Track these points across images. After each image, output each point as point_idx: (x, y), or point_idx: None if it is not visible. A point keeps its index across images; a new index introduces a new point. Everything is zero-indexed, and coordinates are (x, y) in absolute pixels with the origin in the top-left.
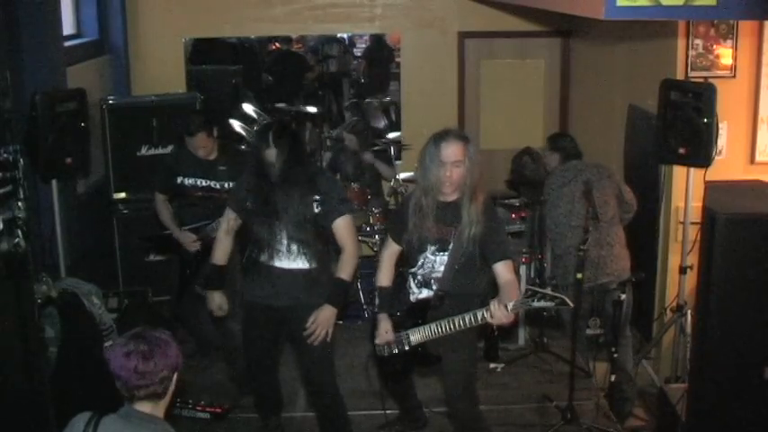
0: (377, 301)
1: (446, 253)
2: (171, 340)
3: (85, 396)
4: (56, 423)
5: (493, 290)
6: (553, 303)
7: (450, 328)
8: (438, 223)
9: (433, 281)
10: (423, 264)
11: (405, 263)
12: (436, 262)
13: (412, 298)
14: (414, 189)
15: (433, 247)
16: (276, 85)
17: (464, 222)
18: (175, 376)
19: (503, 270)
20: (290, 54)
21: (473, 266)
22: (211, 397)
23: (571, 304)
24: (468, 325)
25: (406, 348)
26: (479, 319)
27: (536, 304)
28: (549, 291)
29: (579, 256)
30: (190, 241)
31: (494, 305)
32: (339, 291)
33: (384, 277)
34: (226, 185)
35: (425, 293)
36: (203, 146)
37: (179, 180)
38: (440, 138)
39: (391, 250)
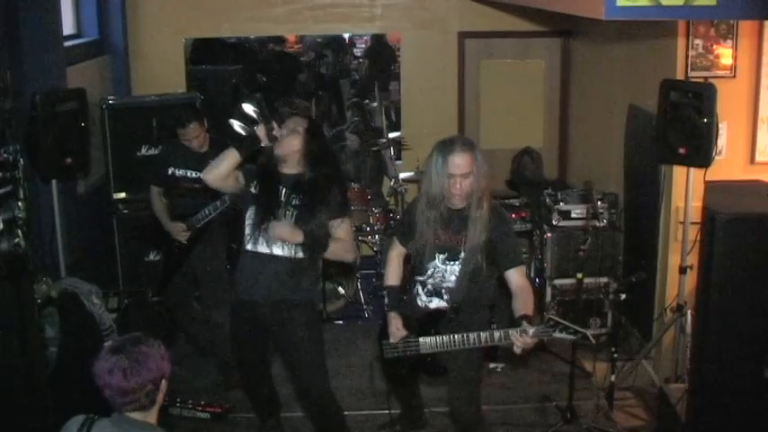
0: (386, 300)
1: (456, 262)
2: (154, 350)
3: (85, 396)
4: (56, 423)
5: (503, 294)
6: (574, 337)
7: (463, 344)
8: (446, 231)
9: (443, 290)
10: (432, 273)
11: (413, 269)
12: (446, 271)
13: (420, 304)
14: (418, 197)
15: (442, 256)
16: (269, 86)
17: (472, 232)
18: (164, 384)
19: (516, 276)
20: (284, 54)
21: (482, 274)
22: (211, 397)
23: (593, 341)
24: (482, 343)
25: (415, 354)
26: (496, 339)
27: (557, 335)
28: (570, 324)
29: (580, 256)
30: (179, 230)
31: (516, 333)
32: (318, 235)
33: (392, 276)
34: None
35: (436, 302)
36: (196, 136)
37: (170, 171)
38: (447, 149)
39: (399, 251)
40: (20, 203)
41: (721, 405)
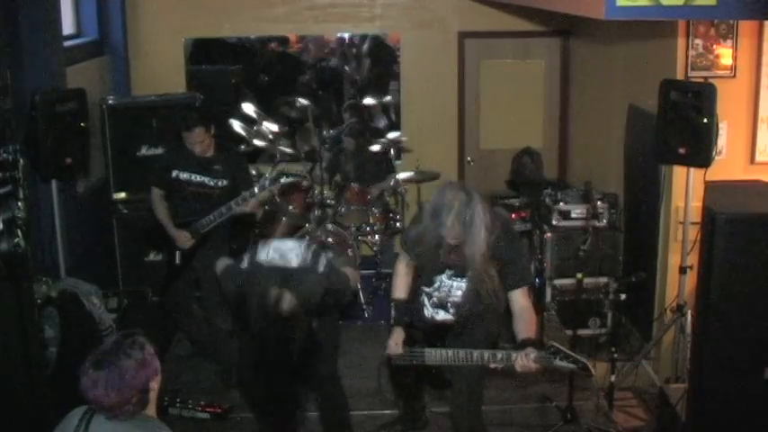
0: (392, 312)
1: (463, 279)
2: (133, 361)
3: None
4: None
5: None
6: (575, 366)
7: (467, 361)
8: (450, 252)
9: (449, 305)
10: (439, 287)
11: (419, 277)
12: (453, 287)
13: (427, 314)
14: (416, 225)
15: (449, 272)
16: (271, 86)
17: (472, 271)
18: (153, 384)
19: (518, 297)
20: (285, 56)
21: (489, 290)
22: (211, 397)
23: (594, 372)
24: (485, 362)
25: (421, 364)
26: (498, 359)
27: (558, 363)
28: (574, 353)
29: (580, 256)
30: (183, 239)
31: (521, 357)
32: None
33: (399, 289)
34: (220, 183)
35: (442, 315)
36: (200, 141)
37: (174, 174)
38: (438, 213)
39: (406, 261)
40: (20, 203)
41: (721, 405)
